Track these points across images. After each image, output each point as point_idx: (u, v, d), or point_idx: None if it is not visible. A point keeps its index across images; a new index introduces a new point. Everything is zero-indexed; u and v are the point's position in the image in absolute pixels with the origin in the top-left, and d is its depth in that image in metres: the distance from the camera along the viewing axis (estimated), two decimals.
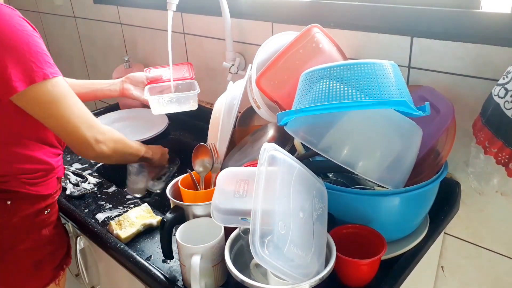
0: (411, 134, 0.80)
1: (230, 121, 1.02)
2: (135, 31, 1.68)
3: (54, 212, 1.03)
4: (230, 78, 1.31)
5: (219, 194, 0.74)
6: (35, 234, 0.98)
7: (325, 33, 1.00)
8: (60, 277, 1.05)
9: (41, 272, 1.01)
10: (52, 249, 1.03)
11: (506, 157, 0.73)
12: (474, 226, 1.02)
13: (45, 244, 1.00)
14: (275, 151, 0.71)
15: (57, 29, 2.16)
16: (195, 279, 0.73)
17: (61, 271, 1.05)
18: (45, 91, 0.84)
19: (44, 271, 1.02)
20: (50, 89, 0.85)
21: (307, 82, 0.78)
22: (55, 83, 0.85)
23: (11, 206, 0.93)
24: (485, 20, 0.84)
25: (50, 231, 1.01)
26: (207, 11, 1.35)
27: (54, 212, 1.03)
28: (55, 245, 1.04)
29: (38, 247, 0.99)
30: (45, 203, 0.99)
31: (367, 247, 0.77)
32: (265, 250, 0.61)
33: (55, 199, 1.03)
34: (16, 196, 0.93)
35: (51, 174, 0.99)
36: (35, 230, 0.98)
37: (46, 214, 0.99)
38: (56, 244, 1.04)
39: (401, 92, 0.73)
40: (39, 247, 0.99)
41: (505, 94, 0.73)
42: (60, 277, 1.05)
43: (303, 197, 0.72)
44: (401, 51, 0.98)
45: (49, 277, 1.02)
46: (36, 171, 0.95)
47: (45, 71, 0.83)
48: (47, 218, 1.00)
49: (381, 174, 0.77)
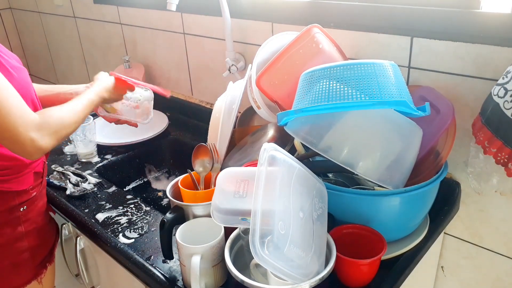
0: (411, 134, 0.80)
1: (230, 121, 1.02)
2: (135, 31, 1.68)
3: (33, 209, 1.00)
4: (226, 75, 1.31)
5: (219, 194, 0.74)
6: (9, 230, 0.96)
7: (325, 33, 1.00)
8: (42, 275, 1.04)
9: (20, 269, 0.99)
10: (31, 246, 1.01)
11: (506, 157, 0.73)
12: (474, 226, 1.02)
13: (22, 242, 0.98)
14: (275, 151, 0.71)
15: (57, 29, 2.16)
16: (195, 279, 0.73)
17: (43, 269, 1.04)
18: None
19: (24, 269, 1.00)
20: None
21: (307, 82, 0.78)
22: None
23: None
24: (485, 20, 0.84)
25: (27, 228, 0.99)
26: (207, 11, 1.35)
27: (32, 208, 1.00)
28: (35, 242, 1.02)
29: (13, 244, 0.97)
30: (20, 200, 0.96)
31: (367, 247, 0.77)
32: (265, 250, 0.61)
33: (32, 195, 1.00)
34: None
35: (26, 170, 0.96)
36: (9, 226, 0.96)
37: (22, 211, 0.97)
38: (36, 241, 1.02)
39: (401, 92, 0.73)
40: (14, 244, 0.97)
41: (504, 94, 0.73)
42: (42, 275, 1.04)
43: (303, 197, 0.72)
44: (401, 51, 0.98)
45: (30, 275, 1.01)
46: (4, 167, 0.92)
47: None
48: (23, 215, 0.98)
49: (381, 174, 0.78)
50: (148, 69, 1.70)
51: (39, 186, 1.03)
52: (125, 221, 1.01)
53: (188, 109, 1.56)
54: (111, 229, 0.98)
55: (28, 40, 2.48)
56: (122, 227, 0.98)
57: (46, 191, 1.11)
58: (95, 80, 1.06)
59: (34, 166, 0.99)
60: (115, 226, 0.99)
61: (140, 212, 1.04)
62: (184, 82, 1.59)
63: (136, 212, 1.04)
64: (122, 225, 0.99)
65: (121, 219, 1.02)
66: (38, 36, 2.33)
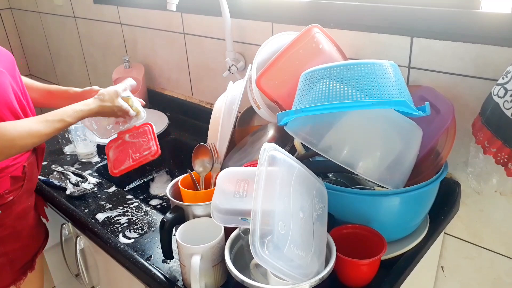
0: (411, 134, 0.80)
1: (230, 121, 1.02)
2: (135, 31, 1.68)
3: (9, 214, 0.98)
4: (226, 75, 1.31)
5: (219, 194, 0.74)
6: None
7: (325, 33, 1.00)
8: (21, 281, 1.03)
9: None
10: (8, 251, 0.99)
11: (505, 157, 0.73)
12: (474, 226, 1.02)
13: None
14: (275, 151, 0.71)
15: (57, 29, 2.16)
16: (195, 279, 0.73)
17: (22, 276, 1.03)
18: None
19: (1, 273, 0.99)
20: None
21: (307, 82, 0.78)
22: None
23: None
24: (485, 20, 0.84)
25: (2, 233, 0.97)
26: (207, 11, 1.35)
27: (9, 213, 0.98)
28: (12, 247, 1.00)
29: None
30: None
31: (367, 247, 0.77)
32: (265, 250, 0.61)
33: (8, 200, 0.97)
34: None
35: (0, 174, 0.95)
36: None
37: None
38: (13, 246, 1.00)
39: (401, 92, 0.73)
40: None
41: (504, 94, 0.73)
42: (21, 281, 1.03)
43: (303, 197, 0.72)
44: (401, 51, 0.98)
45: (7, 280, 1.00)
46: None
47: None
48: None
49: (381, 174, 0.78)
50: (148, 69, 1.70)
51: (18, 190, 1.00)
52: (125, 221, 1.01)
53: (188, 109, 1.56)
54: (111, 229, 0.98)
55: (28, 40, 2.48)
56: (122, 227, 0.99)
57: (33, 196, 1.09)
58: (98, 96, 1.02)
59: (11, 171, 0.97)
60: (115, 226, 0.99)
61: (140, 212, 1.04)
62: (184, 82, 1.59)
63: (136, 212, 1.04)
64: (122, 225, 0.99)
65: (121, 219, 1.02)
66: (38, 36, 2.33)
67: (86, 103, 0.99)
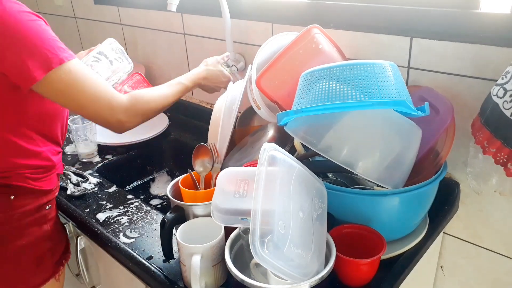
0: (411, 134, 0.80)
1: (230, 121, 1.02)
2: (136, 31, 1.68)
3: (54, 208, 1.05)
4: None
5: (219, 194, 0.74)
6: (36, 229, 0.99)
7: (325, 33, 1.00)
8: (60, 272, 1.06)
9: (41, 267, 1.01)
10: (52, 245, 1.03)
11: (505, 157, 0.73)
12: (474, 226, 1.02)
13: (45, 240, 1.01)
14: (275, 151, 0.71)
15: (57, 30, 2.14)
16: (195, 279, 0.74)
17: (61, 266, 1.06)
18: (63, 76, 0.86)
19: (45, 267, 1.02)
20: (68, 72, 0.86)
21: (307, 83, 0.78)
22: (72, 66, 0.87)
23: (14, 201, 0.94)
24: (485, 21, 0.84)
25: (51, 227, 1.03)
26: (207, 11, 1.36)
27: (54, 208, 1.05)
28: (55, 240, 1.05)
29: (38, 242, 1.00)
30: (47, 199, 1.01)
31: (366, 247, 0.77)
32: (265, 249, 0.62)
33: (55, 195, 1.05)
34: (19, 191, 0.95)
35: (53, 171, 1.01)
36: (36, 225, 0.99)
37: (47, 210, 1.01)
38: (55, 239, 1.05)
39: (400, 92, 0.73)
40: (39, 242, 1.00)
41: (504, 94, 0.73)
42: (60, 272, 1.06)
43: (303, 197, 0.72)
44: (400, 51, 0.98)
45: (49, 272, 1.03)
46: (38, 167, 0.97)
47: (60, 56, 0.85)
48: (48, 214, 1.02)
49: (380, 174, 0.78)
50: (148, 70, 1.70)
51: (58, 187, 1.09)
52: (125, 221, 1.01)
53: (189, 109, 1.56)
54: (111, 228, 0.98)
55: None
56: (122, 227, 0.99)
57: None
58: (202, 63, 1.16)
59: (58, 168, 1.04)
60: (115, 226, 0.99)
61: (141, 212, 1.04)
62: None
63: (136, 212, 1.04)
64: (123, 224, 1.00)
65: (122, 219, 1.02)
66: None
67: (194, 70, 1.13)
